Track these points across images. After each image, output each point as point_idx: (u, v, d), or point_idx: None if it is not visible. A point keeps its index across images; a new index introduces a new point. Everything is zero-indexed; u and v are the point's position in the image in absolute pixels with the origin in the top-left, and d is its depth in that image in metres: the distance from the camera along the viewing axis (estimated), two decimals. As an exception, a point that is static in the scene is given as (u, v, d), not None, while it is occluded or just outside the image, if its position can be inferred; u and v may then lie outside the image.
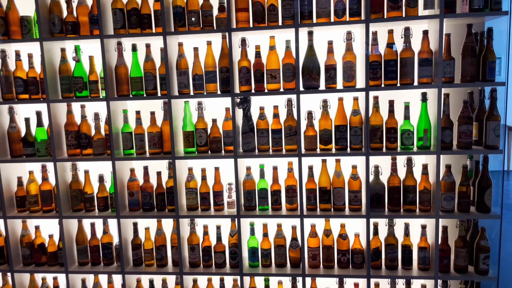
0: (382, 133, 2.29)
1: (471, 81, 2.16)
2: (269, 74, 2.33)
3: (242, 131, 2.42)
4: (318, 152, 2.35)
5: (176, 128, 2.47)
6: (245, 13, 2.31)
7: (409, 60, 2.20)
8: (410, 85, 2.22)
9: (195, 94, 2.42)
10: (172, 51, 2.40)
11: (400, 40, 2.23)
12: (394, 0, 2.15)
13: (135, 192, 2.56)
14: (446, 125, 2.20)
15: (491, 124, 2.13)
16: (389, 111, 2.28)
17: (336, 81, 2.32)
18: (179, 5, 2.35)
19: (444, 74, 2.17)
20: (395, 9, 2.16)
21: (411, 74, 2.22)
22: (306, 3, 2.24)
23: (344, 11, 2.23)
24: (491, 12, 2.09)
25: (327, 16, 2.25)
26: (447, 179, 2.23)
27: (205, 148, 2.48)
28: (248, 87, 2.37)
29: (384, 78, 2.24)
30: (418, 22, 2.22)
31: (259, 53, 2.35)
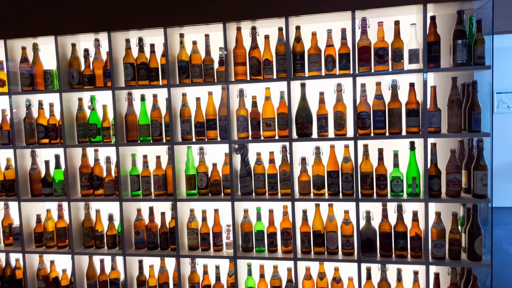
0: (372, 179, 2.41)
1: (457, 132, 2.27)
2: (265, 123, 2.53)
3: (240, 175, 2.60)
4: (312, 197, 2.49)
5: (179, 172, 2.68)
6: (243, 66, 2.54)
7: (396, 111, 2.34)
8: (398, 134, 2.35)
9: (197, 140, 2.63)
10: (177, 100, 2.65)
11: (388, 91, 2.38)
12: (380, 56, 2.32)
13: (141, 231, 2.77)
14: (434, 174, 2.30)
15: (478, 174, 2.21)
16: (379, 158, 2.41)
17: (328, 130, 2.48)
18: (183, 59, 2.61)
19: (431, 125, 2.29)
20: (381, 63, 2.33)
21: (399, 123, 2.35)
22: (298, 57, 2.44)
23: (334, 65, 2.42)
24: (474, 66, 2.22)
25: (318, 70, 2.44)
26: (437, 227, 2.31)
27: (206, 190, 2.67)
28: (245, 134, 2.57)
29: (373, 127, 2.39)
30: (404, 75, 2.37)
31: (255, 103, 2.56)
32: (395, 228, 2.40)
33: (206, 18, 2.46)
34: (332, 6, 2.29)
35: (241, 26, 2.53)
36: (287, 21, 2.37)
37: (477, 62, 2.21)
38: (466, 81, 2.35)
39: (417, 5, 2.21)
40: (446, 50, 2.36)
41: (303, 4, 2.32)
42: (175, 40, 2.64)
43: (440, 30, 2.36)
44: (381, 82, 2.38)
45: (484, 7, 2.26)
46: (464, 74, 2.41)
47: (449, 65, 2.30)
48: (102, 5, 2.58)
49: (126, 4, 2.55)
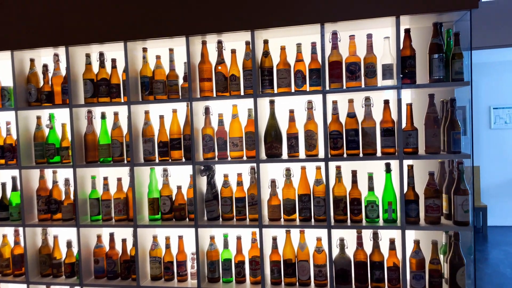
0: (346, 204, 2.25)
1: (435, 153, 2.12)
2: (232, 142, 2.38)
3: (206, 199, 2.44)
4: (282, 223, 2.33)
5: (141, 195, 2.53)
6: (209, 82, 2.40)
7: (370, 130, 2.20)
8: (372, 155, 2.20)
9: (160, 161, 2.48)
10: (139, 118, 2.51)
11: (362, 109, 2.24)
12: (352, 71, 2.19)
13: (101, 259, 2.60)
14: (412, 198, 2.14)
15: (458, 199, 2.06)
16: (353, 181, 2.25)
17: (298, 150, 2.33)
18: (146, 75, 2.48)
19: (407, 145, 2.14)
20: (353, 80, 2.19)
21: (373, 144, 2.20)
22: (267, 73, 2.31)
23: (303, 81, 2.29)
24: (451, 82, 2.09)
25: (287, 86, 2.31)
26: (416, 256, 2.15)
27: (170, 215, 2.51)
28: (211, 154, 2.42)
29: (346, 147, 2.24)
30: (378, 92, 2.24)
31: (222, 121, 2.41)
32: (371, 257, 2.22)
33: (170, 31, 2.34)
34: (300, 19, 2.17)
35: (207, 40, 2.41)
36: (253, 34, 2.25)
37: (455, 78, 2.07)
38: (447, 98, 2.22)
39: (390, 17, 2.09)
40: (425, 66, 2.23)
41: (270, 17, 2.20)
42: (137, 54, 2.51)
43: (417, 44, 2.24)
44: (354, 100, 2.24)
45: (463, 20, 2.15)
46: (445, 90, 2.28)
47: (427, 81, 2.17)
48: (61, 19, 2.47)
49: (86, 17, 2.44)
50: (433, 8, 2.01)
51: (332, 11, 2.13)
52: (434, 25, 2.11)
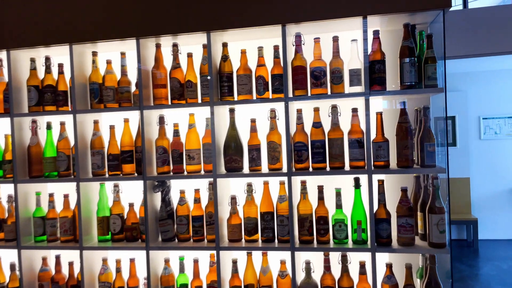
0: (312, 223, 2.06)
1: (407, 167, 1.94)
2: (188, 155, 2.18)
3: (160, 218, 2.23)
4: (243, 244, 2.13)
5: (89, 213, 2.32)
6: (163, 89, 2.22)
7: (337, 141, 2.02)
8: (340, 169, 2.02)
9: (110, 175, 2.28)
10: (87, 129, 2.31)
11: (329, 119, 2.06)
12: (316, 77, 2.01)
13: (46, 284, 2.37)
14: (383, 217, 1.96)
15: (433, 218, 1.87)
16: (319, 198, 2.06)
17: (261, 163, 2.14)
18: (95, 81, 2.29)
19: (377, 158, 1.96)
20: (318, 86, 2.02)
21: (341, 156, 2.02)
22: (226, 79, 2.13)
23: (265, 87, 2.11)
24: (424, 89, 1.92)
25: (248, 93, 2.13)
26: (388, 282, 1.95)
27: (121, 236, 2.29)
28: (166, 168, 2.22)
29: (312, 160, 2.05)
30: (346, 99, 2.06)
31: (177, 131, 2.22)
32: (340, 282, 2.02)
33: (120, 33, 2.15)
34: (260, 19, 2.00)
35: (161, 43, 2.22)
36: (209, 36, 2.07)
37: (428, 84, 1.90)
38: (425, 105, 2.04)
39: (357, 18, 1.93)
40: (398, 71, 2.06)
41: (228, 17, 2.03)
42: (86, 59, 2.32)
43: (389, 48, 2.08)
44: (320, 108, 2.07)
45: (437, 21, 1.99)
46: (422, 98, 2.11)
47: (398, 88, 2.00)
48: (1, 19, 2.27)
49: (29, 18, 2.25)
50: (403, 8, 1.85)
51: (294, 11, 1.97)
52: (404, 26, 1.94)
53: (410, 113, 2.04)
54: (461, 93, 6.39)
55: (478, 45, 4.36)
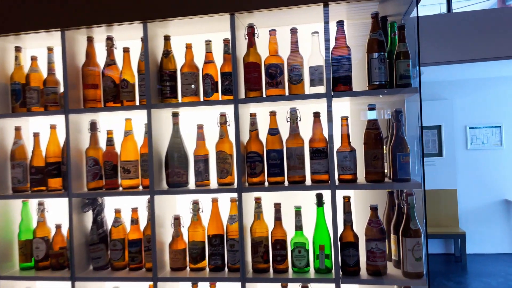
0: (267, 248, 1.76)
1: (377, 181, 1.66)
2: (123, 167, 1.87)
3: (90, 242, 1.91)
4: (187, 274, 1.82)
5: (11, 236, 1.99)
6: (95, 90, 1.91)
7: (297, 151, 1.74)
8: (300, 183, 1.73)
9: (33, 192, 1.95)
10: (7, 136, 1.98)
11: (287, 124, 1.78)
12: (272, 75, 1.74)
13: (-44, 321, 2.01)
14: (350, 240, 1.67)
15: (408, 243, 1.59)
16: (276, 218, 1.77)
17: (209, 177, 1.85)
18: (18, 81, 1.97)
19: (343, 170, 1.68)
20: (274, 86, 1.74)
21: (301, 169, 1.74)
22: (168, 78, 1.84)
23: (214, 88, 1.82)
24: (396, 89, 1.65)
25: (194, 94, 1.84)
26: (356, 318, 1.65)
27: (45, 263, 1.96)
28: (98, 183, 1.91)
29: (268, 174, 1.77)
30: (305, 101, 1.78)
31: (111, 139, 1.92)
32: (300, 320, 1.72)
33: (45, 24, 1.85)
34: (205, 7, 1.72)
35: (94, 36, 1.93)
36: (146, 26, 1.79)
37: (401, 84, 1.64)
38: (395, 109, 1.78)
39: (317, 6, 1.66)
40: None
41: (168, 4, 1.74)
42: (8, 55, 2.01)
43: (357, 42, 1.82)
44: (277, 112, 1.79)
45: (410, 12, 1.74)
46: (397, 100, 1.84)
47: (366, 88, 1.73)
48: None
49: None
50: (369, -7, 1.59)
51: (245, -2, 1.69)
52: (373, 16, 1.69)
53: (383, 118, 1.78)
54: (447, 101, 6.24)
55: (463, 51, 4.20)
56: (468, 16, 4.23)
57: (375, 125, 1.69)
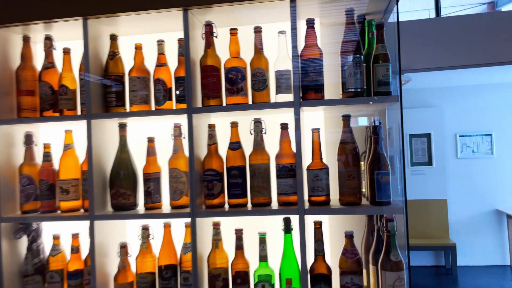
0: (227, 282, 1.53)
1: (353, 204, 1.44)
2: (61, 187, 1.63)
3: (24, 273, 1.66)
4: (134, 310, 1.57)
5: None
6: (31, 97, 1.67)
7: (262, 168, 1.52)
8: (265, 206, 1.50)
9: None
10: None
11: (251, 137, 1.55)
12: (232, 81, 1.51)
13: None
14: (322, 272, 1.45)
15: (388, 277, 1.37)
16: (237, 247, 1.54)
17: (160, 198, 1.61)
18: None
19: (313, 191, 1.46)
20: (235, 93, 1.52)
21: (266, 189, 1.51)
22: (113, 83, 1.61)
23: (167, 96, 1.59)
24: (374, 98, 1.44)
25: (143, 102, 1.60)
26: None
27: (-29, 298, 1.69)
28: (33, 204, 1.66)
29: (228, 195, 1.54)
30: (273, 112, 1.56)
31: (48, 154, 1.68)
32: None
33: (-29, 21, 1.60)
34: (153, 2, 1.49)
35: (31, 35, 1.69)
36: (86, 23, 1.55)
37: (379, 91, 1.43)
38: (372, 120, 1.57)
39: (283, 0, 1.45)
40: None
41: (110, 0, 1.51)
42: None
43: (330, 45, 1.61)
44: (239, 123, 1.56)
45: (391, 10, 1.53)
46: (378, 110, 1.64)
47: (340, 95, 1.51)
48: None
49: None
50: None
51: (199, -8, 1.47)
52: (348, 13, 1.48)
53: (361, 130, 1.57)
54: (436, 109, 6.11)
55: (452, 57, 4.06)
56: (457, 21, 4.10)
57: (350, 138, 1.47)
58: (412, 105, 6.16)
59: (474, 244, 6.10)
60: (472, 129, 6.19)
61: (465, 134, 6.28)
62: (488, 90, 6.05)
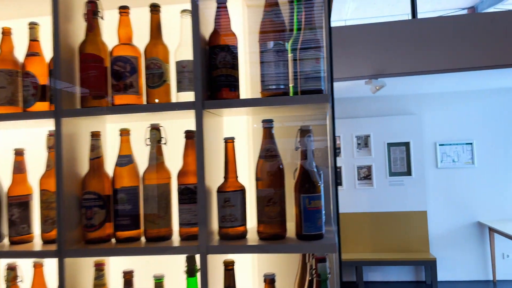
0: None
1: (274, 237, 1.09)
2: None
3: None
4: None
5: None
6: None
7: (157, 190, 1.16)
8: (163, 240, 1.14)
9: None
10: None
11: (147, 149, 1.19)
12: (118, 74, 1.15)
13: None
14: (232, 332, 1.08)
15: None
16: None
17: (30, 229, 1.24)
18: None
19: (223, 221, 1.11)
20: (120, 91, 1.16)
21: (163, 218, 1.15)
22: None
23: (39, 94, 1.23)
24: (300, 97, 1.09)
25: (9, 103, 1.23)
26: None
27: None
28: None
29: (115, 225, 1.17)
30: (172, 115, 1.21)
31: None
32: None
33: None
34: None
35: None
36: None
37: (306, 88, 1.08)
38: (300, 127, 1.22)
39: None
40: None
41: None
42: None
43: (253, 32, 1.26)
44: (131, 131, 1.20)
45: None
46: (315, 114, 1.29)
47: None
48: None
49: None
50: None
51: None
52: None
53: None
54: (415, 116, 5.94)
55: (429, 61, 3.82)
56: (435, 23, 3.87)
57: (272, 151, 1.12)
58: (390, 112, 5.98)
59: (455, 258, 5.94)
60: (452, 137, 6.00)
61: (445, 143, 6.10)
62: (468, 97, 5.91)
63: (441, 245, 5.90)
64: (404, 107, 5.99)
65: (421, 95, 5.96)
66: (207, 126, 1.11)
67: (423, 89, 5.72)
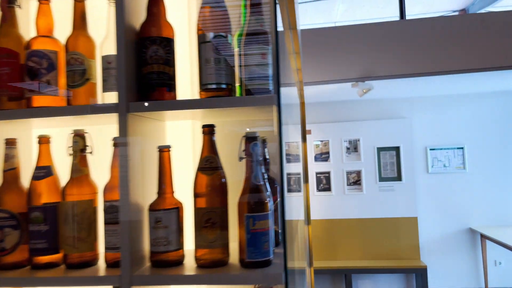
0: None
1: (213, 264, 0.92)
2: None
3: None
4: None
5: None
6: None
7: (79, 208, 0.98)
8: (85, 267, 0.97)
9: None
10: None
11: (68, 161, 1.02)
12: (32, 72, 0.98)
13: None
14: None
15: None
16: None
17: None
18: None
19: (154, 245, 0.93)
20: (35, 92, 0.98)
21: (84, 241, 0.97)
22: None
23: None
24: (242, 98, 0.93)
25: None
26: None
27: None
28: None
29: (30, 247, 0.99)
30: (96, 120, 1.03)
31: None
32: None
33: None
34: None
35: None
36: None
37: (252, 87, 0.91)
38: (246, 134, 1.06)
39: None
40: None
41: None
42: None
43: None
44: (51, 138, 1.03)
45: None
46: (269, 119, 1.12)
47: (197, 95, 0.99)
48: None
49: None
50: None
51: None
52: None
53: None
54: (405, 120, 5.85)
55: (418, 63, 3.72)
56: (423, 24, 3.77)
57: (211, 162, 0.95)
58: (380, 116, 5.89)
59: (446, 266, 5.86)
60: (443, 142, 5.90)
61: (436, 148, 6.01)
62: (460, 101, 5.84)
63: (432, 252, 5.79)
64: (394, 111, 5.92)
65: (411, 99, 5.88)
66: (140, 132, 0.95)
67: (413, 92, 5.64)
